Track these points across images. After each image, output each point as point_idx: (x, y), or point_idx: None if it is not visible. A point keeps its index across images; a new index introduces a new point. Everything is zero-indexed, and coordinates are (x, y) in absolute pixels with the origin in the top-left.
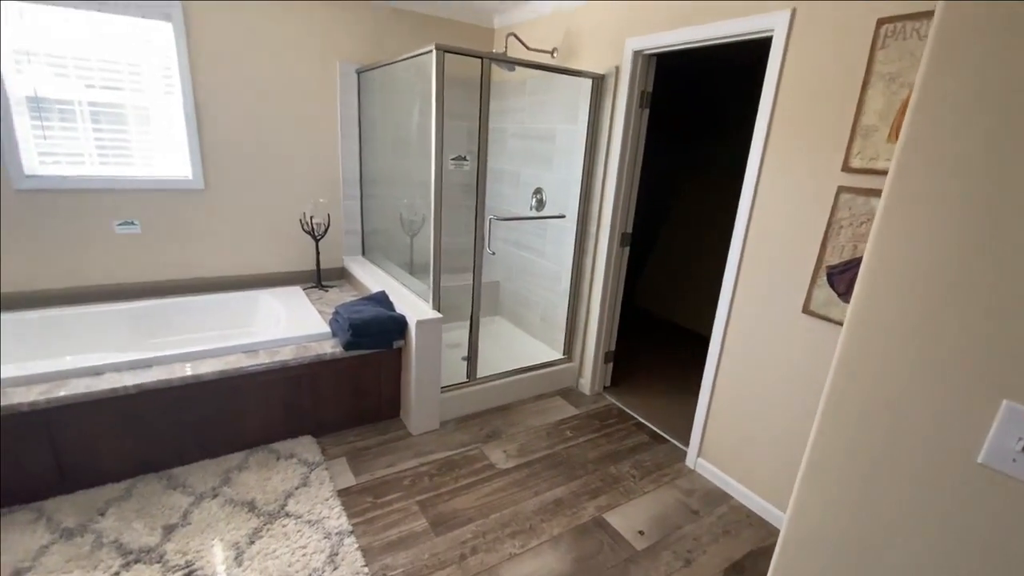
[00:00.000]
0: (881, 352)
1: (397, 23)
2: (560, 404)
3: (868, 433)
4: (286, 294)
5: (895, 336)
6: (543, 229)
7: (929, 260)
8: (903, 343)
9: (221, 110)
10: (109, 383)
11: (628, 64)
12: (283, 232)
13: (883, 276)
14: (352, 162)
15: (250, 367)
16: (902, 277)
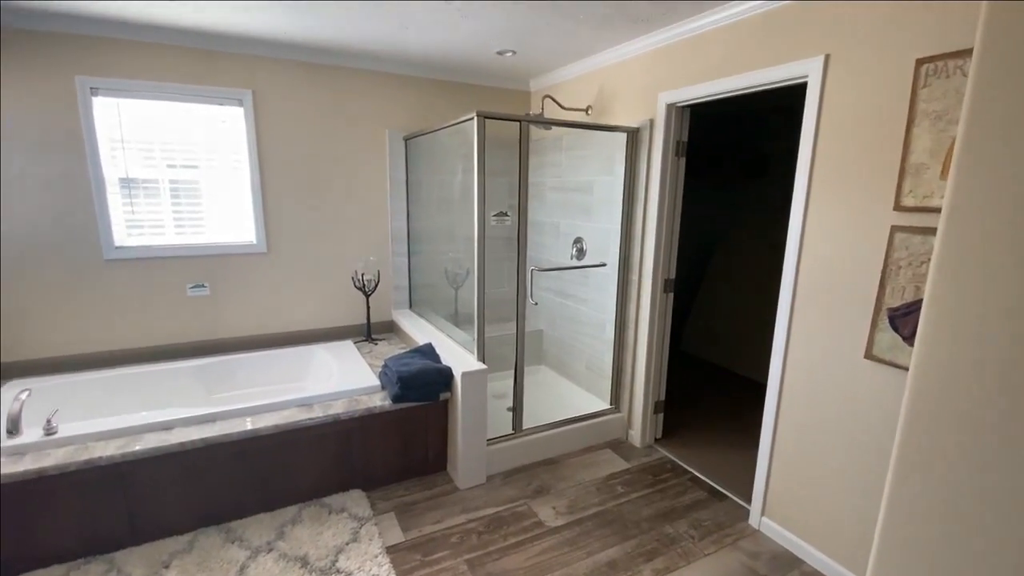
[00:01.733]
0: (953, 397)
1: (441, 93)
2: (610, 457)
3: (948, 488)
4: (338, 348)
5: (964, 380)
6: (585, 277)
7: (991, 299)
8: (974, 387)
9: (282, 180)
10: (178, 437)
11: (662, 116)
12: (336, 289)
13: (945, 318)
14: (400, 221)
15: (305, 421)
16: (964, 318)
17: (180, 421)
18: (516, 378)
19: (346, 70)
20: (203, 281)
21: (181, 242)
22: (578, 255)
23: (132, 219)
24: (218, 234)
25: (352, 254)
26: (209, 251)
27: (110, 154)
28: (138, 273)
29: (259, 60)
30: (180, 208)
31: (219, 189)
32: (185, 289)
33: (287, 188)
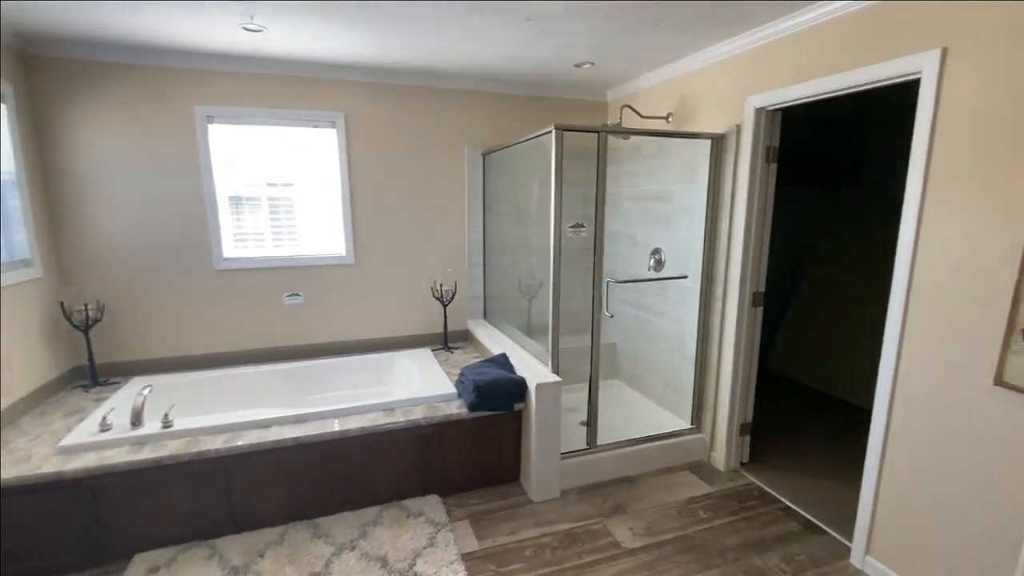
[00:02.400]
0: None
1: (518, 107)
2: (690, 480)
3: None
4: (418, 355)
5: None
6: (663, 290)
7: None
8: None
9: (369, 195)
10: (274, 435)
11: (750, 121)
12: (416, 299)
13: None
14: (477, 233)
15: (387, 425)
16: None
17: (276, 420)
18: (590, 392)
19: (428, 90)
20: (298, 291)
21: (279, 254)
22: (656, 266)
23: (238, 233)
24: (311, 247)
25: (431, 266)
26: (303, 262)
27: (221, 174)
28: (242, 283)
29: (350, 84)
30: (279, 222)
31: (313, 205)
32: (282, 298)
33: (373, 203)
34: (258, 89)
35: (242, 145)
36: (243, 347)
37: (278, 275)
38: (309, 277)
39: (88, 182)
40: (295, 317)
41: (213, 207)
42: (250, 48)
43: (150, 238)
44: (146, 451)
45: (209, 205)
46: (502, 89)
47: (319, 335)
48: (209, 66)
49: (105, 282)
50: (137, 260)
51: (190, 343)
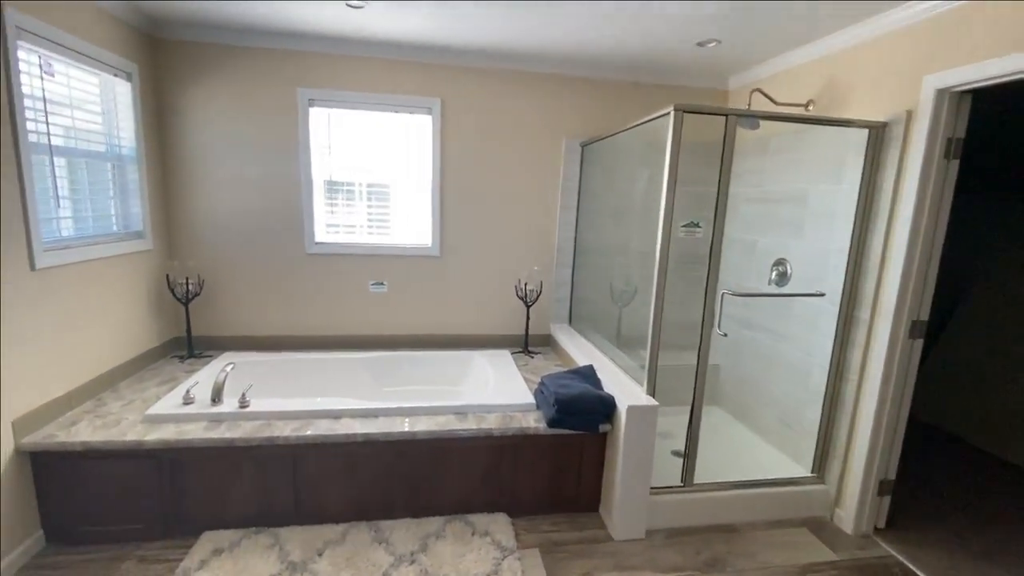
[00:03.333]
0: None
1: (622, 95)
2: (808, 540)
3: None
4: (495, 357)
5: None
6: (787, 308)
7: None
8: None
9: (460, 186)
10: (344, 428)
11: (928, 106)
12: (498, 297)
13: None
14: (568, 232)
15: (459, 431)
16: None
17: (348, 411)
18: (691, 421)
19: (527, 75)
20: (383, 279)
21: (367, 241)
22: (778, 280)
23: (330, 217)
24: (399, 236)
25: (517, 263)
26: (390, 251)
27: (318, 159)
28: (330, 267)
29: (448, 69)
30: (371, 210)
31: (404, 194)
32: (367, 285)
33: (464, 195)
34: (358, 73)
35: (339, 131)
36: (327, 332)
37: (365, 262)
38: (394, 266)
39: (197, 161)
40: (378, 306)
41: (309, 191)
42: (352, 29)
43: (249, 217)
44: (222, 429)
45: (305, 188)
46: (607, 75)
47: (399, 326)
48: (313, 48)
49: (205, 258)
50: (235, 238)
51: (278, 323)
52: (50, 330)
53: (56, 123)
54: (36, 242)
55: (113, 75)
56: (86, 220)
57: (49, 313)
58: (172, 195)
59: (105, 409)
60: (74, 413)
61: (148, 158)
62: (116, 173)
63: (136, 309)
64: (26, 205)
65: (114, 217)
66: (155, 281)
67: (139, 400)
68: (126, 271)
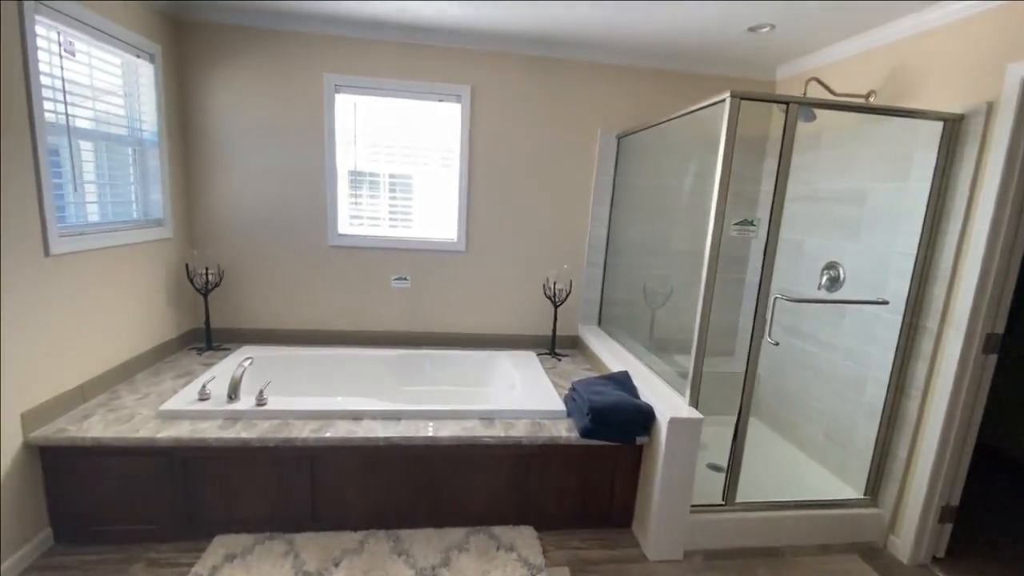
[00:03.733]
0: None
1: (662, 85)
2: (860, 568)
3: None
4: (521, 359)
5: None
6: (840, 316)
7: None
8: None
9: (488, 179)
10: (365, 431)
11: (1013, 97)
12: (525, 295)
13: None
14: (600, 229)
15: (485, 438)
16: None
17: (368, 412)
18: (736, 435)
19: (562, 62)
20: (406, 274)
21: (391, 234)
22: (829, 285)
23: (354, 209)
24: (423, 229)
25: (545, 261)
26: (414, 245)
27: (342, 148)
28: (353, 261)
29: (479, 55)
30: (395, 202)
31: (430, 185)
32: (390, 280)
33: (492, 187)
34: (386, 59)
35: (364, 119)
36: (347, 327)
37: (388, 256)
38: (418, 261)
39: (219, 147)
40: (400, 301)
41: (333, 180)
42: (381, 11)
43: (271, 207)
44: (238, 427)
45: (329, 178)
46: (646, 63)
47: (421, 323)
48: (341, 32)
49: (225, 247)
50: (257, 228)
51: (298, 317)
52: (64, 319)
53: (75, 104)
54: (51, 227)
55: (135, 56)
56: (105, 206)
57: (64, 301)
58: (193, 182)
59: (119, 403)
60: (87, 406)
61: (170, 143)
62: (137, 158)
63: (154, 299)
64: (41, 188)
65: (134, 203)
66: (174, 271)
67: (154, 394)
68: (145, 260)
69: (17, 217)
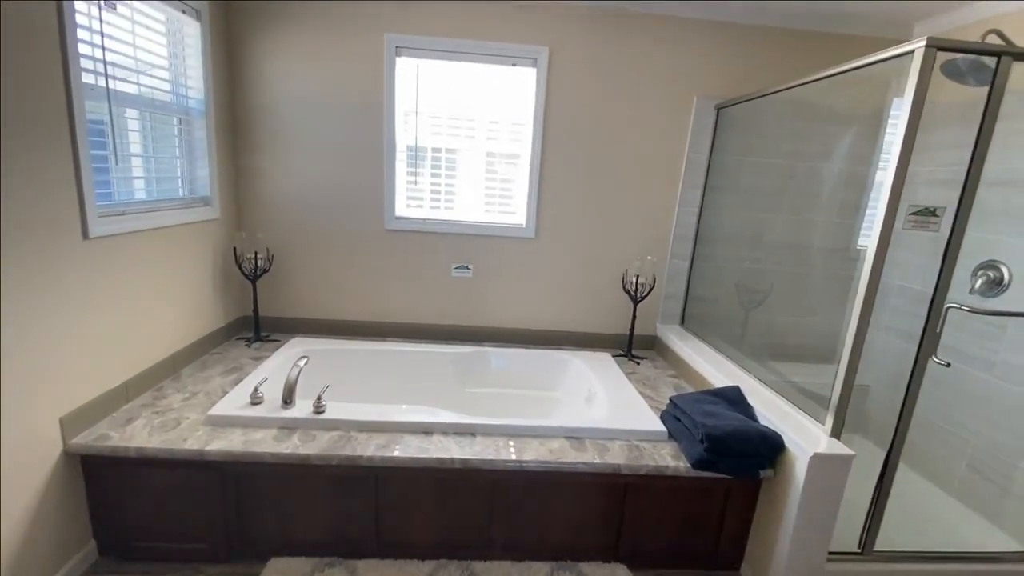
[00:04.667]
0: None
1: (772, 46)
2: None
3: None
4: (596, 361)
5: None
6: (1000, 329)
7: None
8: None
9: (563, 156)
10: (437, 448)
11: None
12: (600, 290)
13: None
14: (689, 216)
15: (578, 465)
16: None
17: (439, 426)
18: (884, 472)
19: (652, 19)
20: (468, 262)
21: (452, 217)
22: (985, 288)
23: (412, 189)
24: (488, 214)
25: (625, 251)
26: (477, 230)
27: (403, 120)
28: (410, 246)
29: (561, 11)
30: (457, 182)
31: (498, 164)
32: (450, 269)
33: (568, 165)
34: (454, 17)
35: (427, 87)
36: (402, 319)
37: (449, 242)
38: (482, 248)
39: (269, 119)
40: (460, 292)
41: (391, 156)
42: None
43: (323, 186)
44: (295, 439)
45: (388, 153)
46: (755, 19)
47: (483, 317)
48: None
49: (275, 230)
50: (307, 209)
51: (350, 307)
52: (106, 310)
53: (116, 64)
54: (89, 206)
55: (181, 12)
56: (150, 182)
57: (105, 289)
58: (241, 157)
59: (165, 403)
60: (131, 407)
61: (216, 114)
62: (183, 128)
63: (201, 286)
64: (78, 161)
65: (180, 180)
66: (221, 255)
67: (202, 393)
68: (192, 242)
69: (51, 194)
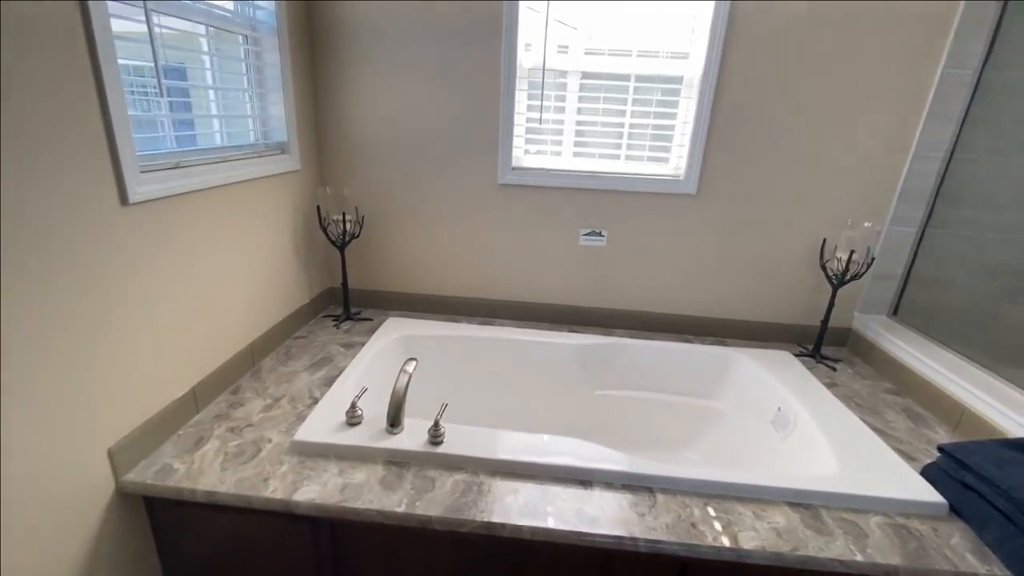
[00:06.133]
0: None
1: None
2: None
3: None
4: (773, 362)
5: None
6: None
7: None
8: None
9: (744, 80)
10: (608, 520)
11: None
12: (780, 265)
13: None
14: (928, 163)
15: (830, 563)
16: None
17: (601, 474)
18: None
19: None
20: (601, 226)
21: (585, 168)
22: None
23: (535, 129)
24: (632, 161)
25: (825, 213)
26: (616, 184)
27: (526, 36)
28: (528, 205)
29: None
30: (592, 118)
31: (651, 90)
32: (578, 235)
33: (750, 95)
34: None
35: None
36: (514, 296)
37: (577, 200)
38: (620, 207)
39: (356, 39)
40: (589, 264)
41: (510, 85)
42: None
43: (423, 129)
44: (407, 483)
45: (505, 82)
46: None
47: (618, 296)
48: None
49: (362, 186)
50: (403, 160)
51: (453, 280)
52: (161, 297)
53: None
54: (127, 158)
55: None
56: (207, 123)
57: (157, 271)
58: (322, 90)
59: (243, 413)
60: (202, 418)
61: (292, 30)
62: (250, 50)
63: (283, 257)
64: (105, 96)
65: (250, 120)
66: (303, 216)
67: (286, 399)
68: (269, 201)
69: (70, 141)
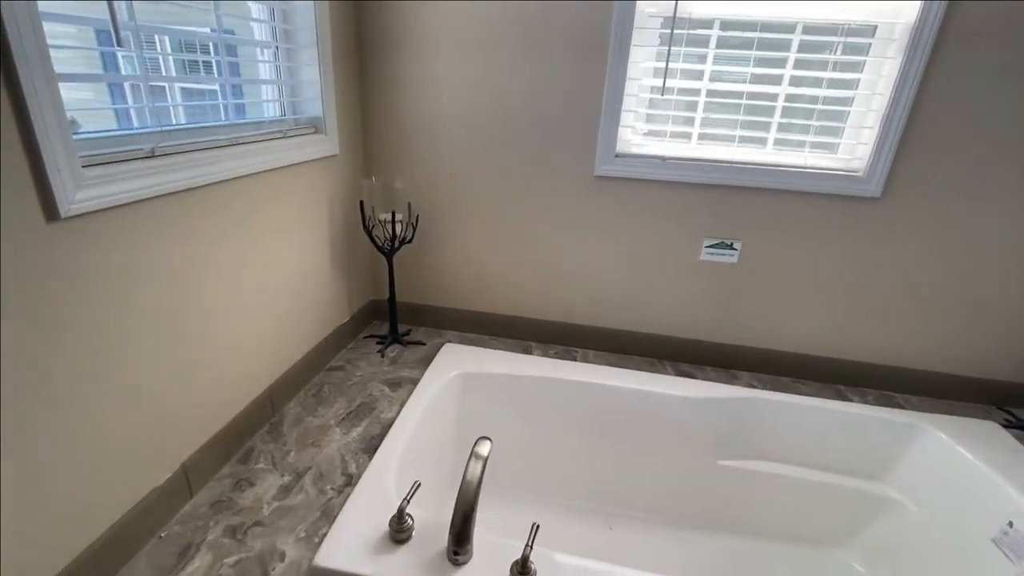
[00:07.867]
0: None
1: None
2: None
3: None
4: (968, 432)
5: None
6: None
7: None
8: None
9: (1006, 23)
10: None
11: None
12: (985, 303)
13: None
14: None
15: None
16: None
17: None
18: None
19: None
20: (732, 236)
21: (711, 155)
22: None
23: (657, 102)
24: (783, 149)
25: None
26: (757, 179)
27: None
28: (634, 204)
29: None
30: (727, 86)
31: (821, 48)
32: (699, 246)
33: (997, 48)
34: None
35: None
36: (606, 322)
37: (702, 199)
38: (762, 211)
39: None
40: (712, 285)
41: (622, 41)
42: None
43: (497, 107)
44: None
45: (617, 36)
46: None
47: (748, 331)
48: None
49: (416, 177)
50: (469, 146)
51: (527, 298)
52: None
53: None
54: (56, 150)
55: None
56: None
57: (117, 312)
58: (370, 52)
59: (251, 497)
60: (196, 506)
61: None
62: None
63: (314, 267)
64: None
65: (271, 88)
66: (343, 213)
67: (310, 476)
68: (294, 196)
69: None
